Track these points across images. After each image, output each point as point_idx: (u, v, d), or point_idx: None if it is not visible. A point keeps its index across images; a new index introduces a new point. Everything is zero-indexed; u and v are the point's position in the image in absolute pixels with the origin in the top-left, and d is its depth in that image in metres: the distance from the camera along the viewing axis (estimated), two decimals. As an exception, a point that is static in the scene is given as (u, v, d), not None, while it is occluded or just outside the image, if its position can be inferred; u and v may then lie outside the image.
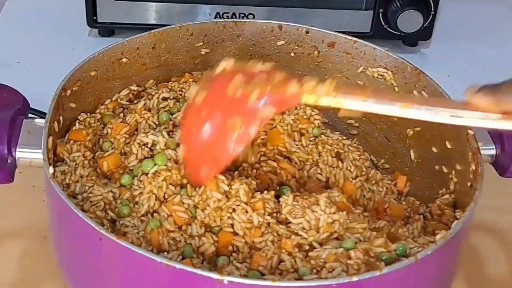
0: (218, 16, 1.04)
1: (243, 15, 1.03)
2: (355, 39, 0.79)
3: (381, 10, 1.02)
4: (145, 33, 0.77)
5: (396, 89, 0.77)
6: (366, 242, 0.60)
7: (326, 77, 0.78)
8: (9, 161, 0.63)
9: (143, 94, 0.78)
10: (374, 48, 0.78)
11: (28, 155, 0.64)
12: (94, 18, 1.05)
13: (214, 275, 0.51)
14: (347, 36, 0.79)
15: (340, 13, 1.03)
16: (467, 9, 1.20)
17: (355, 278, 0.52)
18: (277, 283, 0.51)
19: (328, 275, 0.55)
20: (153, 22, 1.05)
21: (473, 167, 0.65)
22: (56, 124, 0.67)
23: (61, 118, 0.68)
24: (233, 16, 1.03)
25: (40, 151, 0.62)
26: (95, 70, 0.73)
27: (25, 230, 0.76)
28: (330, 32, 0.79)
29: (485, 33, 1.15)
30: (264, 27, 0.80)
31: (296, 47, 0.81)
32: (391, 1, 1.01)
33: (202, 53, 0.80)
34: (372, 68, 0.78)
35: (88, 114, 0.73)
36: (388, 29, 1.03)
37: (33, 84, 0.85)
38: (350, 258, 0.57)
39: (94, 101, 0.74)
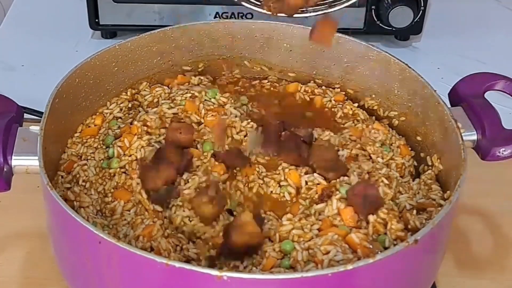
0: (217, 16, 1.05)
1: (241, 15, 1.05)
2: (340, 34, 0.80)
3: (373, 7, 1.04)
4: (137, 36, 0.78)
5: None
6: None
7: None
8: (5, 169, 0.64)
9: (137, 96, 0.79)
10: (359, 43, 0.79)
11: (24, 162, 0.64)
12: (96, 20, 1.06)
13: (214, 272, 0.52)
14: (332, 32, 0.81)
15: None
16: (456, 4, 1.22)
17: (350, 266, 0.53)
18: (277, 276, 0.53)
19: (324, 257, 0.57)
20: (154, 23, 1.05)
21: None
22: (50, 131, 0.67)
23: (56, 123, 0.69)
24: (233, 16, 1.05)
25: (36, 157, 0.62)
26: (88, 74, 0.74)
27: (30, 230, 0.77)
28: (317, 29, 0.81)
29: (473, 27, 1.18)
30: (254, 27, 0.82)
31: (285, 44, 0.83)
32: (382, -3, 1.04)
33: (194, 54, 0.82)
34: (357, 62, 0.80)
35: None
36: (380, 24, 1.06)
37: (38, 87, 0.86)
38: (346, 242, 0.59)
39: (88, 106, 0.75)
